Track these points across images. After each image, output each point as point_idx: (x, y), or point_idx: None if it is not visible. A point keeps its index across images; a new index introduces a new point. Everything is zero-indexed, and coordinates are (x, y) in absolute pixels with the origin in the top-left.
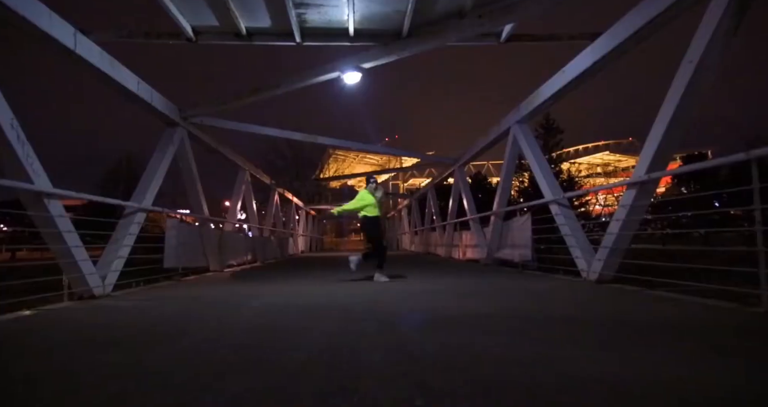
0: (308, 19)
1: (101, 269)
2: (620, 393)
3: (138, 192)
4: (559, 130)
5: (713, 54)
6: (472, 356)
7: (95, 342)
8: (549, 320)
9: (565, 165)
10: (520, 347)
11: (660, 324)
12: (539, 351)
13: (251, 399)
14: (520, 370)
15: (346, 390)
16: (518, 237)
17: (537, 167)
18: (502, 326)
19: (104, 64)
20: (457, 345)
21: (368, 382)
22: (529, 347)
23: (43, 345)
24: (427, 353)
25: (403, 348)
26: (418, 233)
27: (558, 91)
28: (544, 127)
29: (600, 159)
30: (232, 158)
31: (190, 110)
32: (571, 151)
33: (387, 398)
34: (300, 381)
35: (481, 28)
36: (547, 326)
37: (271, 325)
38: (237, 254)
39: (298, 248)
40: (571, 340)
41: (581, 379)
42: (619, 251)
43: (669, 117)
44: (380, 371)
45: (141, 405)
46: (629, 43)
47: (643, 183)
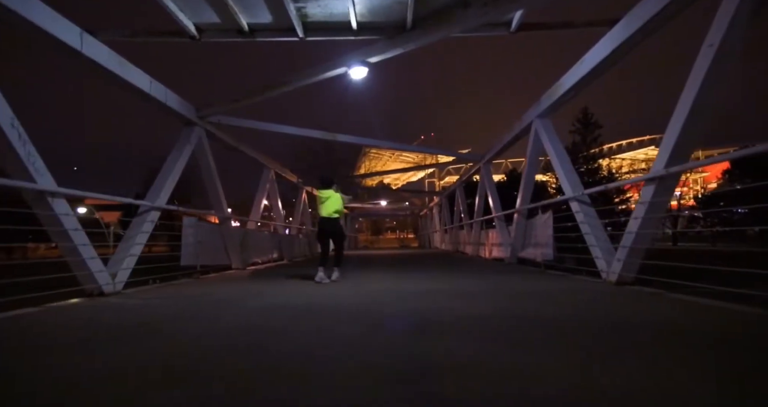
0: (309, 14)
1: (112, 267)
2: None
3: (152, 191)
4: (597, 125)
5: (735, 37)
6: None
7: (63, 343)
8: (543, 325)
9: (604, 161)
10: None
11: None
12: (516, 361)
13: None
14: (491, 385)
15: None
16: (540, 236)
17: (558, 162)
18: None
19: (113, 64)
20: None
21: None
22: (505, 357)
23: (18, 344)
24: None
25: (382, 354)
26: (448, 231)
27: (578, 83)
28: (581, 122)
29: (644, 154)
30: (254, 156)
31: (206, 108)
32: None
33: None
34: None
35: (486, 17)
36: (541, 332)
37: (256, 326)
38: (262, 253)
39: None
40: (552, 349)
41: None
42: (639, 251)
43: (689, 107)
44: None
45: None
46: (650, 27)
47: (662, 178)
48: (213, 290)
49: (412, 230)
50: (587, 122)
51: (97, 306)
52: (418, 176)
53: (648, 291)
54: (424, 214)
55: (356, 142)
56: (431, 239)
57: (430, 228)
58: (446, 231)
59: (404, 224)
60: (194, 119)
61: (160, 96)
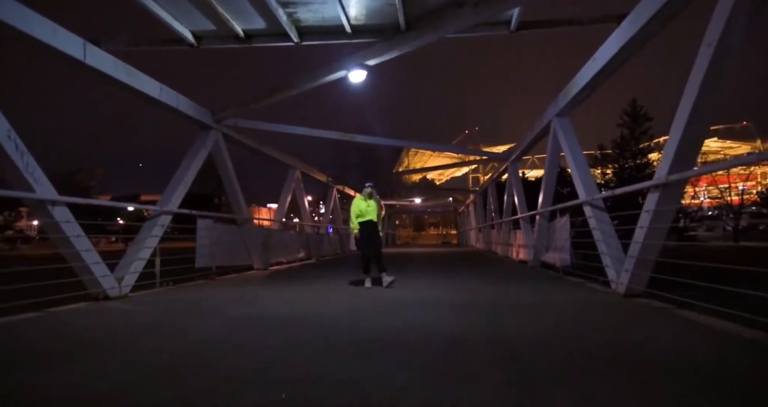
0: (302, 19)
1: (119, 271)
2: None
3: (165, 195)
4: (647, 117)
5: (734, 34)
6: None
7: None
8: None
9: (653, 156)
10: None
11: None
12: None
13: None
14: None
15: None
16: (558, 240)
17: (573, 164)
18: (451, 359)
19: (119, 72)
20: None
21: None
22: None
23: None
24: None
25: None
26: (481, 230)
27: (591, 80)
28: (629, 115)
29: (706, 147)
30: (278, 157)
31: (222, 112)
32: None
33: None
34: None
35: (479, 16)
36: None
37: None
38: (286, 252)
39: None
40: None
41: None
42: (647, 263)
43: (689, 109)
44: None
45: None
46: (658, 22)
47: (666, 186)
48: (213, 295)
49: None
50: (636, 114)
51: (94, 311)
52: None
53: (655, 307)
54: (462, 211)
55: (374, 142)
56: (468, 237)
57: (467, 226)
58: (480, 230)
59: (447, 220)
60: (210, 122)
61: (171, 102)
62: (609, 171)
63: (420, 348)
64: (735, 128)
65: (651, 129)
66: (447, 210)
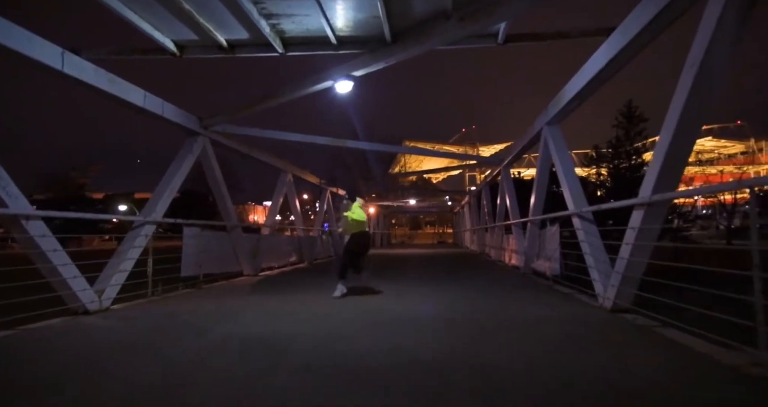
0: (285, 29)
1: (100, 283)
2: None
3: (149, 204)
4: (642, 118)
5: (719, 55)
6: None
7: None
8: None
9: (648, 156)
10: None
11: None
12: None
13: None
14: None
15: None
16: (549, 249)
17: (563, 174)
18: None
19: (101, 81)
20: None
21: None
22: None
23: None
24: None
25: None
26: (475, 232)
27: (580, 92)
28: (624, 115)
29: (700, 146)
30: (269, 161)
31: (209, 119)
32: None
33: None
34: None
35: (466, 30)
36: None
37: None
38: (277, 257)
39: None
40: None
41: None
42: (633, 280)
43: (673, 129)
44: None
45: None
46: (645, 36)
47: (650, 204)
48: (196, 309)
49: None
50: (631, 115)
51: (68, 329)
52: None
53: (640, 324)
54: (458, 211)
55: (366, 148)
56: (463, 237)
57: (462, 227)
58: (474, 232)
59: (444, 219)
60: (197, 129)
61: (156, 109)
62: (604, 171)
63: (399, 378)
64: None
65: (646, 130)
66: (443, 210)
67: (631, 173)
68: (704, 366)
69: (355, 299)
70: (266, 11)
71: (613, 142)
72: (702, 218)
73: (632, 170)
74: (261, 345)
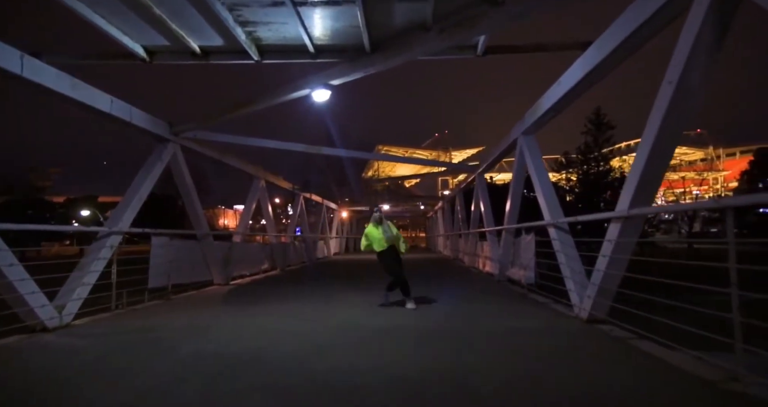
0: (262, 37)
1: (60, 298)
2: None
3: (115, 213)
4: (610, 125)
5: (695, 73)
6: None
7: None
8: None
9: (615, 162)
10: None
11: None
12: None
13: None
14: None
15: None
16: (523, 257)
17: (538, 184)
18: None
19: (63, 86)
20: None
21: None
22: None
23: None
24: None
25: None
26: (449, 237)
27: (556, 103)
28: (593, 122)
29: None
30: (241, 167)
31: (181, 125)
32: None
33: None
34: None
35: (445, 42)
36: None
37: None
38: (249, 265)
39: (330, 250)
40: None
41: None
42: (608, 292)
43: (650, 145)
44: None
45: None
46: (620, 54)
47: (627, 218)
48: (164, 323)
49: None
50: (599, 122)
51: (25, 348)
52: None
53: (617, 336)
54: (431, 216)
55: (341, 155)
56: (436, 242)
57: (435, 232)
58: (448, 237)
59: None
60: (167, 135)
61: (124, 115)
62: (573, 177)
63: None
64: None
65: (614, 137)
66: (416, 214)
67: (599, 178)
68: (683, 382)
69: (330, 311)
70: (242, 19)
71: (582, 148)
72: (665, 223)
73: (600, 176)
74: (234, 363)
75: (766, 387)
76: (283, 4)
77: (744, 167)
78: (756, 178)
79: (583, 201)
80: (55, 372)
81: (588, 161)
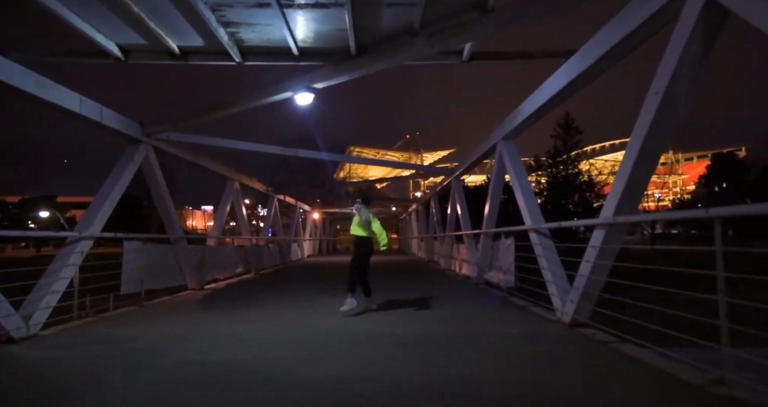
0: (244, 38)
1: (27, 307)
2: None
3: (86, 216)
4: (578, 130)
5: (682, 85)
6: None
7: None
8: None
9: (583, 165)
10: None
11: None
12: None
13: None
14: None
15: None
16: (502, 261)
17: (519, 189)
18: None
19: (29, 84)
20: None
21: None
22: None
23: None
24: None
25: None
26: (424, 240)
27: (538, 110)
28: (562, 126)
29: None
30: (215, 169)
31: (154, 126)
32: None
33: None
34: None
35: (433, 48)
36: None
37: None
38: (224, 268)
39: (304, 253)
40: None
41: None
42: (591, 296)
43: (636, 154)
44: None
45: None
46: (603, 63)
47: (612, 225)
48: (141, 331)
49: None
50: (568, 126)
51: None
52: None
53: (600, 340)
54: (404, 218)
55: (317, 157)
56: (410, 244)
57: (409, 234)
58: (422, 239)
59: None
60: (139, 136)
61: (94, 115)
62: (543, 179)
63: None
64: None
65: (581, 141)
66: (388, 216)
67: (568, 181)
68: (669, 386)
69: (314, 317)
70: (225, 19)
71: (551, 151)
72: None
73: (569, 179)
74: (221, 374)
75: (752, 390)
76: (269, 5)
77: (701, 172)
78: (712, 182)
79: (552, 203)
80: (25, 388)
81: (557, 164)
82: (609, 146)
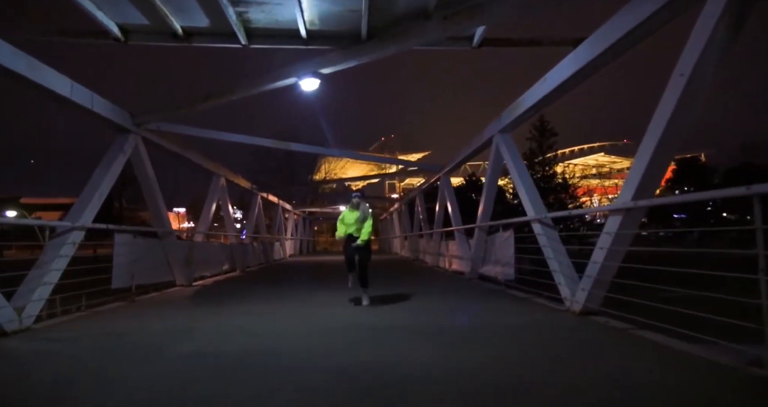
0: (252, 19)
1: (19, 299)
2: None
3: (76, 207)
4: (552, 132)
5: (708, 66)
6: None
7: None
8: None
9: (558, 167)
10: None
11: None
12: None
13: None
14: None
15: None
16: (500, 254)
17: (519, 181)
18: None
19: (19, 65)
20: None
21: None
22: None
23: None
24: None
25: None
26: (408, 238)
27: (539, 101)
28: (537, 129)
29: (595, 160)
30: (202, 163)
31: (143, 115)
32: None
33: None
34: None
35: (445, 32)
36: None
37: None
38: (211, 265)
39: (286, 252)
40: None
41: None
42: (604, 283)
43: (658, 138)
44: None
45: None
46: (612, 53)
47: (629, 210)
48: (138, 326)
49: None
50: (543, 129)
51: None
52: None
53: (615, 327)
54: (384, 218)
55: (311, 151)
56: (391, 244)
57: (390, 233)
58: (406, 238)
59: None
60: (129, 126)
61: (85, 101)
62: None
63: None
64: (618, 145)
65: (556, 144)
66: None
67: (544, 183)
68: (702, 368)
69: (311, 311)
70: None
71: (527, 153)
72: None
73: (545, 181)
74: (236, 366)
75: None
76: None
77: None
78: (677, 185)
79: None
80: (24, 382)
81: (533, 165)
82: (578, 150)
